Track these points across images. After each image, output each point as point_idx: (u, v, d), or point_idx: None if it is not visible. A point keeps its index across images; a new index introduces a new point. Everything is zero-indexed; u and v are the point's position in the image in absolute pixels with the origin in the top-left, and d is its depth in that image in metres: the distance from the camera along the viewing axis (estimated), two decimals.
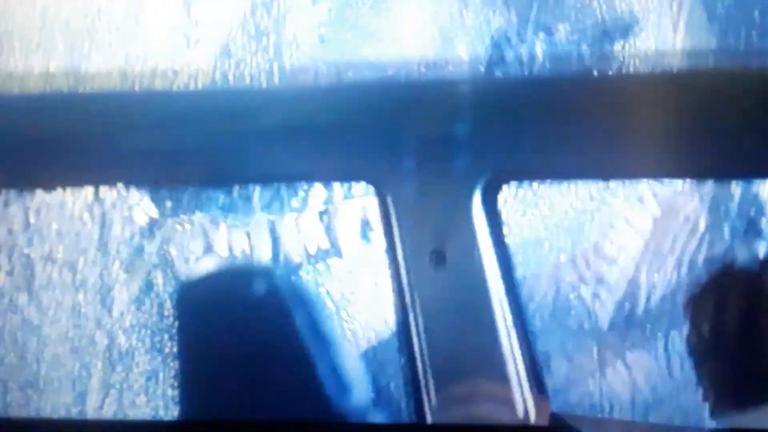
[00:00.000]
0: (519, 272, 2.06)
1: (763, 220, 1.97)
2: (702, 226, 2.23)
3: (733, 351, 1.78)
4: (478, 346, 1.81)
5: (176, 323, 2.01)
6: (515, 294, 1.89)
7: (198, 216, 2.02)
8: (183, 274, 2.02)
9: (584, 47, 1.86)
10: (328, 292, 2.00)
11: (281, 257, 2.02)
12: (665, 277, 2.06)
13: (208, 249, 2.02)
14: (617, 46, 1.86)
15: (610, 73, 1.87)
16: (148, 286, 2.03)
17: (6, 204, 2.06)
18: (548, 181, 2.18)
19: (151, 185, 1.99)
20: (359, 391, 1.95)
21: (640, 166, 1.91)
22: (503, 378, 1.78)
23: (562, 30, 1.88)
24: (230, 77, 1.96)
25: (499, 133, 1.83)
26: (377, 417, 1.93)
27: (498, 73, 1.89)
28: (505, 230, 1.94)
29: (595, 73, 1.87)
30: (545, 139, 1.82)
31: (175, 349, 2.01)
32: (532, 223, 2.30)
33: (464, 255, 1.84)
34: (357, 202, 1.98)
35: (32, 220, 2.06)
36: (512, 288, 1.89)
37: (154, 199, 2.02)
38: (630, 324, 2.03)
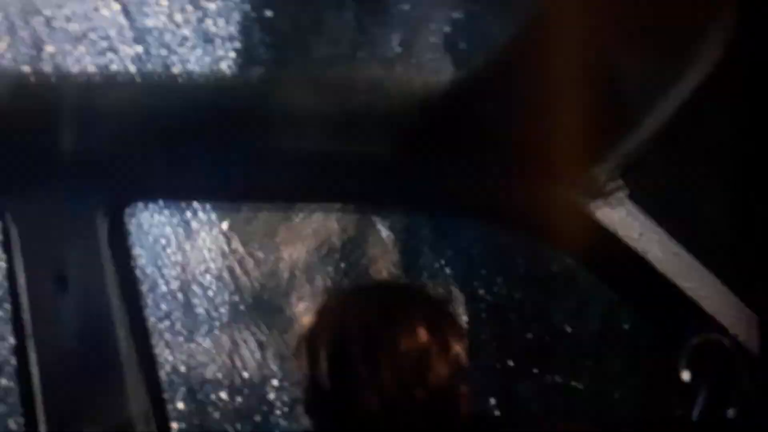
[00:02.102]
0: (146, 292, 2.07)
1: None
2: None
3: None
4: (98, 371, 1.77)
5: None
6: (140, 317, 1.87)
7: None
8: None
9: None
10: None
11: None
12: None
13: None
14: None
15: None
16: None
17: None
18: (177, 201, 2.19)
19: None
20: None
21: (273, 189, 1.92)
22: (122, 405, 1.76)
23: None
24: None
25: (123, 154, 1.78)
26: None
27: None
28: (135, 251, 1.91)
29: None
30: (173, 160, 1.79)
31: None
32: (160, 244, 2.33)
33: (88, 279, 1.78)
34: None
35: None
36: (137, 312, 1.86)
37: None
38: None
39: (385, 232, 2.62)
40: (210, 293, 2.52)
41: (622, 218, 1.83)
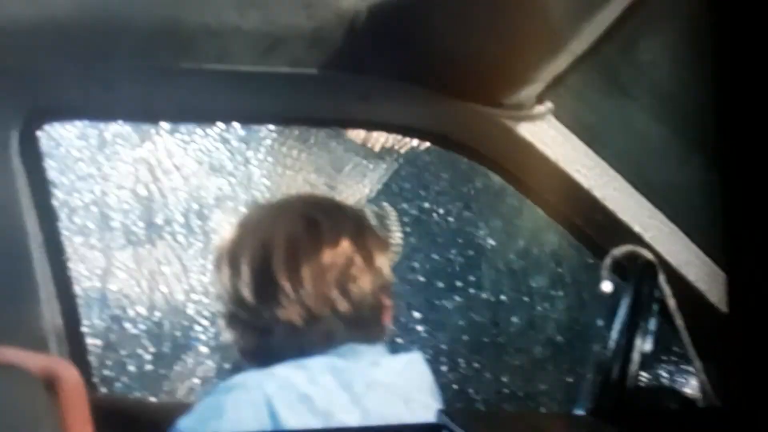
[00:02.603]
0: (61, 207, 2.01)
1: None
2: None
3: None
4: (11, 287, 1.73)
5: None
6: (53, 232, 1.82)
7: None
8: None
9: None
10: None
11: None
12: None
13: None
14: None
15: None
16: None
17: None
18: (93, 120, 2.13)
19: None
20: None
21: (194, 110, 1.86)
22: (36, 322, 1.72)
23: None
24: None
25: (36, 71, 1.71)
26: None
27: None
28: (49, 168, 1.86)
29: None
30: (89, 78, 1.73)
31: None
32: (75, 160, 2.27)
33: (1, 195, 1.73)
34: None
35: None
36: (51, 227, 1.81)
37: None
38: None
39: (306, 149, 2.59)
40: (127, 207, 2.48)
41: (549, 136, 1.83)
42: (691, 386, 1.63)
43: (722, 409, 1.53)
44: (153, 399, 2.34)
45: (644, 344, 1.46)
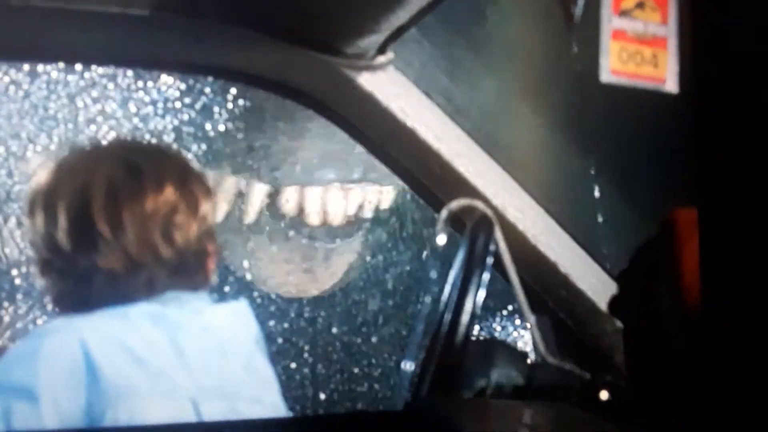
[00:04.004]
0: None
1: None
2: None
3: None
4: None
5: None
6: None
7: None
8: None
9: None
10: None
11: None
12: None
13: None
14: None
15: None
16: None
17: None
18: None
19: None
20: None
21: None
22: None
23: None
24: None
25: None
26: None
27: None
28: None
29: None
30: None
31: None
32: None
33: None
34: None
35: None
36: None
37: None
38: None
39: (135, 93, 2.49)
40: None
41: (389, 87, 1.80)
42: (523, 340, 1.64)
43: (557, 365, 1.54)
44: None
45: (477, 298, 1.45)
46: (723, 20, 0.54)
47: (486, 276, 1.45)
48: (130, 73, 2.40)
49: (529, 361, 1.56)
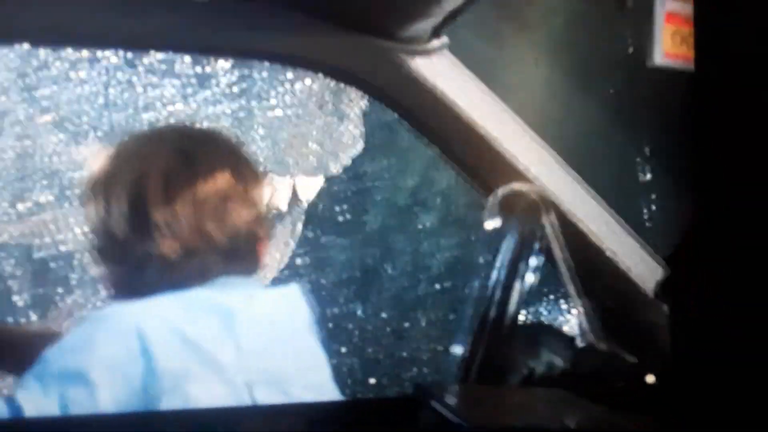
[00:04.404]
0: None
1: None
2: None
3: None
4: None
5: None
6: None
7: None
8: None
9: None
10: None
11: None
12: None
13: None
14: None
15: None
16: None
17: None
18: None
19: None
20: None
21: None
22: None
23: None
24: None
25: None
26: None
27: None
28: None
29: None
30: None
31: None
32: None
33: None
34: None
35: None
36: None
37: None
38: None
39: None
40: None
41: (443, 71, 1.80)
42: (570, 325, 1.64)
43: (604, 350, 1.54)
44: (22, 326, 2.27)
45: (526, 282, 1.45)
46: (724, 23, 0.54)
47: (535, 261, 1.46)
48: (187, 59, 2.43)
49: (576, 345, 1.56)
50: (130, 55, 2.37)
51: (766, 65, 0.52)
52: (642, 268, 1.80)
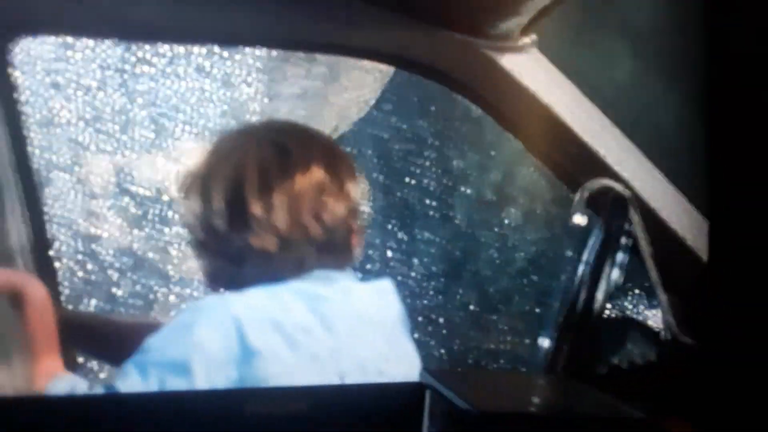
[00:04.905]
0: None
1: None
2: None
3: None
4: None
5: None
6: (24, 154, 1.80)
7: None
8: None
9: None
10: None
11: None
12: None
13: None
14: None
15: None
16: None
17: None
18: (68, 36, 2.08)
19: None
20: None
21: (171, 29, 1.82)
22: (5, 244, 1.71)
23: None
24: None
25: None
26: None
27: None
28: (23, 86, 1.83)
29: None
30: None
31: None
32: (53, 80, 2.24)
33: None
34: None
35: None
36: (22, 149, 1.79)
37: None
38: None
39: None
40: (104, 136, 2.45)
41: (530, 68, 1.82)
42: (655, 319, 1.65)
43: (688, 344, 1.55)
44: (122, 317, 2.34)
45: (612, 277, 1.46)
46: (735, 25, 0.55)
47: (621, 256, 1.47)
48: (274, 53, 2.46)
49: (661, 339, 1.56)
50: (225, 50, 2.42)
51: None
52: None
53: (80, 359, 1.98)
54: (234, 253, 1.55)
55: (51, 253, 1.86)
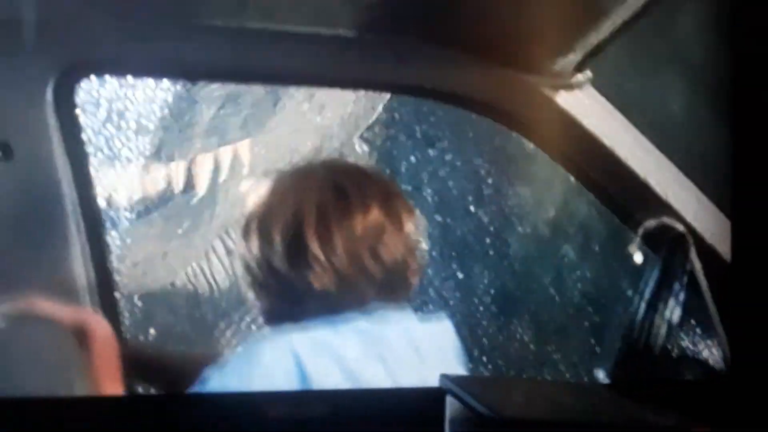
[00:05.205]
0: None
1: None
2: None
3: None
4: (43, 242, 1.74)
5: None
6: (87, 189, 1.84)
7: None
8: None
9: None
10: None
11: None
12: None
13: None
14: None
15: None
16: None
17: None
18: (127, 75, 2.13)
19: None
20: None
21: (233, 69, 1.86)
22: (66, 277, 1.74)
23: None
24: None
25: (77, 23, 1.71)
26: None
27: None
28: (84, 123, 1.87)
29: None
30: (125, 31, 1.72)
31: None
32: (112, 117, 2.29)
33: (34, 148, 1.73)
34: None
35: None
36: (84, 183, 1.83)
37: None
38: None
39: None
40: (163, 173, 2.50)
41: (585, 105, 1.82)
42: (714, 357, 1.63)
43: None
44: (183, 350, 2.36)
45: (671, 315, 1.46)
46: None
47: (681, 294, 1.46)
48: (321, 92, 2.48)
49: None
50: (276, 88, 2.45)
51: None
52: None
53: (141, 390, 2.01)
54: (295, 293, 1.57)
55: (113, 286, 1.88)
